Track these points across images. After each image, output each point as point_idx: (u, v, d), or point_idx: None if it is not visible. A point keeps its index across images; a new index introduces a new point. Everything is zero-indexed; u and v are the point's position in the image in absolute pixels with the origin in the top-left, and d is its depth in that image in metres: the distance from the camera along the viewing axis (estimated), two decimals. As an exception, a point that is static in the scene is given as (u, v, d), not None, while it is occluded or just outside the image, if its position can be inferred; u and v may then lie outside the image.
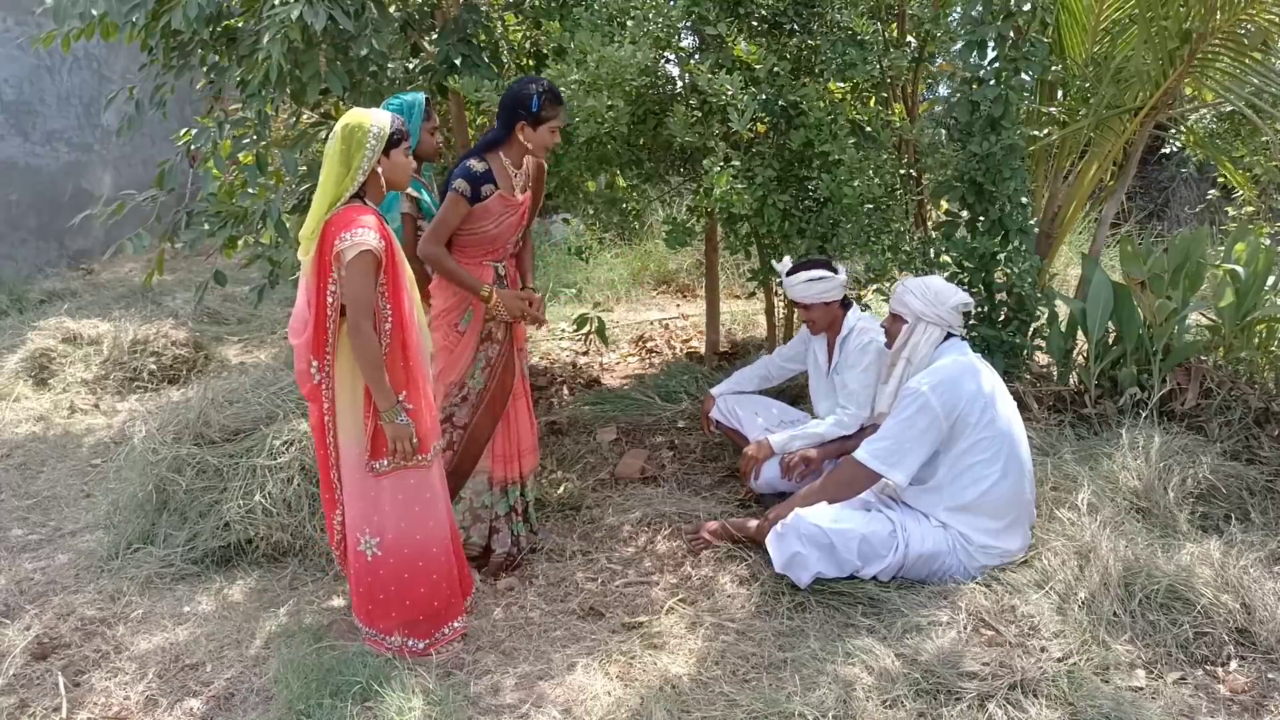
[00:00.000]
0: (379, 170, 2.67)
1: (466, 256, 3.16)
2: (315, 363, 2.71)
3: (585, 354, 5.58)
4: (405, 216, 3.38)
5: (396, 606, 2.79)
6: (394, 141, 2.68)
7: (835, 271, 3.49)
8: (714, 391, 3.87)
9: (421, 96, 3.38)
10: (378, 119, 2.66)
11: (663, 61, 3.94)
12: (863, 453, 2.97)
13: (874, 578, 2.99)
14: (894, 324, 3.18)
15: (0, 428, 4.76)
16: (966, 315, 3.33)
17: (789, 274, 3.52)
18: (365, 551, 2.78)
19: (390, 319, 2.69)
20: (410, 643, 2.80)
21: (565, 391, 4.89)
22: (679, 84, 3.95)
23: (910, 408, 2.92)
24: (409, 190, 3.30)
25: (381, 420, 2.68)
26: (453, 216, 3.09)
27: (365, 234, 2.57)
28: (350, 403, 2.72)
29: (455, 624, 2.88)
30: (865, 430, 3.37)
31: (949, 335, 3.09)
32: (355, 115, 2.67)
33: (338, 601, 3.12)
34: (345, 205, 2.64)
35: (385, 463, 2.74)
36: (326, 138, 4.54)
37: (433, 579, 2.81)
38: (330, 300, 2.63)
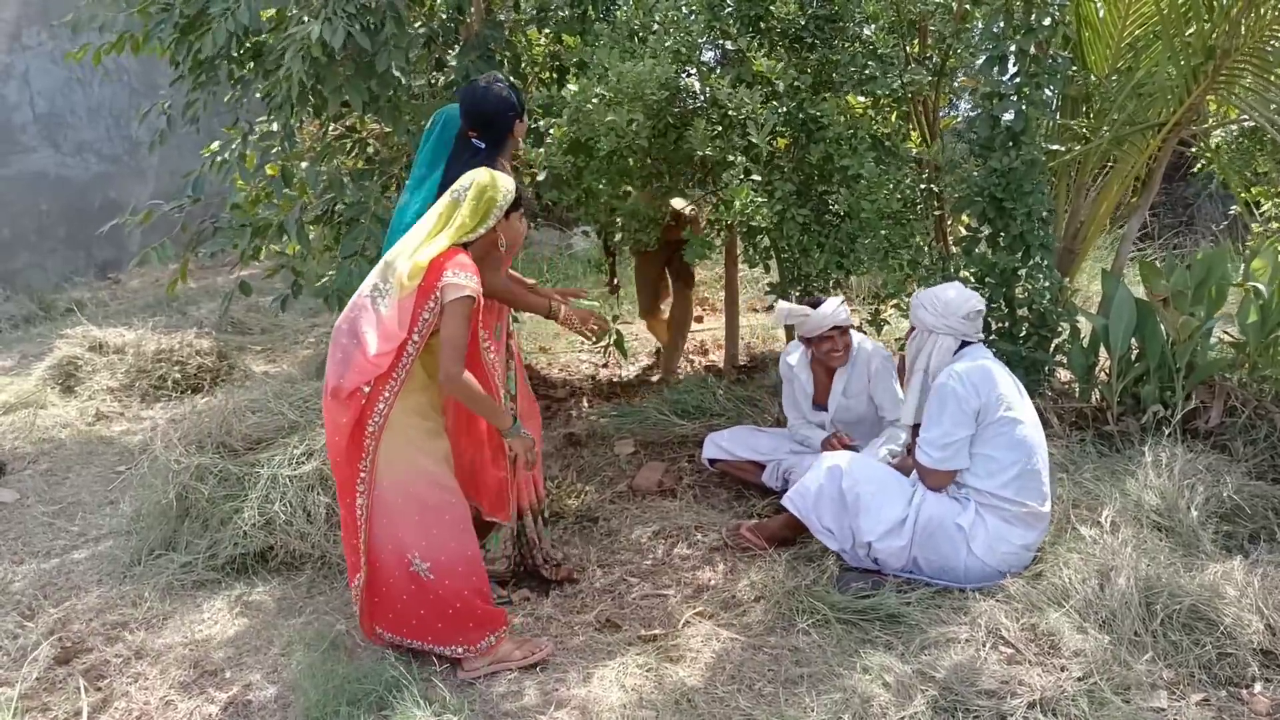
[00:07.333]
0: (498, 229, 2.80)
1: None
2: (369, 386, 2.64)
3: (604, 366, 5.60)
4: None
5: (469, 615, 2.76)
6: (515, 205, 2.82)
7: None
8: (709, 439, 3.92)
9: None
10: (505, 185, 2.77)
11: (684, 75, 3.96)
12: (922, 457, 3.07)
13: (886, 574, 3.05)
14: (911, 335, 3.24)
15: (27, 434, 4.83)
16: (986, 321, 3.35)
17: (816, 308, 3.55)
18: (419, 574, 2.73)
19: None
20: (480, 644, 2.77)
21: (584, 403, 4.91)
22: (700, 97, 3.97)
23: (943, 397, 3.01)
24: None
25: (506, 439, 2.84)
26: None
27: (471, 278, 2.64)
28: (404, 441, 2.70)
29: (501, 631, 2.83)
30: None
31: (966, 343, 3.14)
32: (487, 178, 2.74)
33: (355, 610, 3.14)
34: (454, 248, 2.72)
35: None
36: (351, 150, 4.64)
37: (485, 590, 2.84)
38: (420, 326, 2.64)
